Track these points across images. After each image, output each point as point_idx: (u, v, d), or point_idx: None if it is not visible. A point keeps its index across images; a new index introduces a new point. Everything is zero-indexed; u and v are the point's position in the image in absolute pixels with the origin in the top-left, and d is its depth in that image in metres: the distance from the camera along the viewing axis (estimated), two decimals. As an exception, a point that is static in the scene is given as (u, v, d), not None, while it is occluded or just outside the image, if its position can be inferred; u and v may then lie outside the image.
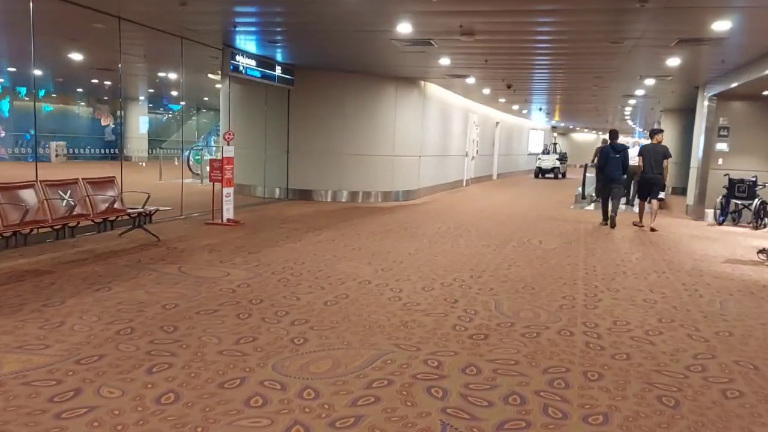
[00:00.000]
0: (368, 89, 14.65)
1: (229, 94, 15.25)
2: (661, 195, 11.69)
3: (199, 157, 20.06)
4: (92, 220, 7.14)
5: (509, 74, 14.06)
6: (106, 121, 33.12)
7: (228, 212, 10.06)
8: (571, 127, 42.19)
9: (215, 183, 10.07)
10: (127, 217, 7.72)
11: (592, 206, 16.02)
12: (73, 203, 6.84)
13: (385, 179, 15.10)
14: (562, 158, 29.95)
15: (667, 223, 12.73)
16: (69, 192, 6.92)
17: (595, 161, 11.97)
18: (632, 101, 19.37)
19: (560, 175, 28.74)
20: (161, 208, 8.36)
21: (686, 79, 13.48)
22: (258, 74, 11.97)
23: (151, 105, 31.61)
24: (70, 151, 27.28)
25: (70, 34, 10.68)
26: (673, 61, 10.89)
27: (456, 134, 19.93)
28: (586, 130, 46.10)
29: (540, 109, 24.56)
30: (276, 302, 5.30)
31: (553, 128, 41.30)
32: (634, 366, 4.17)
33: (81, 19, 8.89)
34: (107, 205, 7.40)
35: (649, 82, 13.85)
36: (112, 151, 30.64)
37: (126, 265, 6.48)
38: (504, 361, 4.14)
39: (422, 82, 15.86)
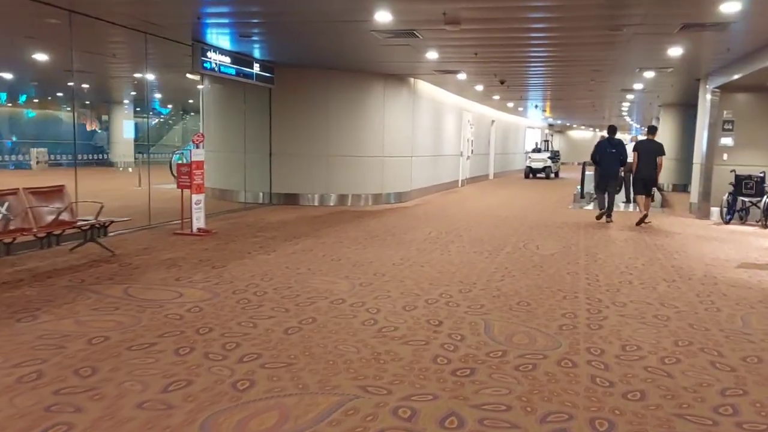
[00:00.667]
0: (354, 87, 13.90)
1: (207, 95, 14.48)
2: (652, 192, 11.86)
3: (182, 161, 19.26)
4: (34, 235, 6.36)
5: (502, 68, 13.32)
6: (92, 126, 32.34)
7: (198, 221, 9.30)
8: (568, 124, 41.48)
9: (184, 189, 9.31)
10: (78, 230, 6.96)
11: (591, 205, 15.28)
12: (9, 216, 6.07)
13: (374, 181, 14.34)
14: (555, 156, 28.19)
15: (671, 223, 11.98)
16: (6, 204, 6.15)
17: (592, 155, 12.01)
18: (630, 96, 18.64)
19: (552, 175, 27.05)
20: (117, 219, 7.59)
21: (687, 71, 12.74)
22: (233, 72, 11.21)
23: (138, 109, 30.79)
24: (53, 157, 26.44)
25: (24, 30, 9.90)
26: (675, 51, 10.14)
27: (450, 133, 19.19)
28: (583, 128, 45.43)
29: (536, 106, 23.83)
30: (228, 331, 4.54)
31: (550, 126, 40.61)
32: (650, 409, 3.42)
33: (31, 14, 8.11)
34: (54, 217, 6.63)
35: (649, 74, 13.11)
36: (99, 157, 29.85)
37: (66, 286, 5.71)
38: (493, 406, 3.39)
39: (412, 80, 15.11)
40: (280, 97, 13.45)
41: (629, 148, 12.90)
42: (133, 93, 23.90)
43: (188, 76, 14.53)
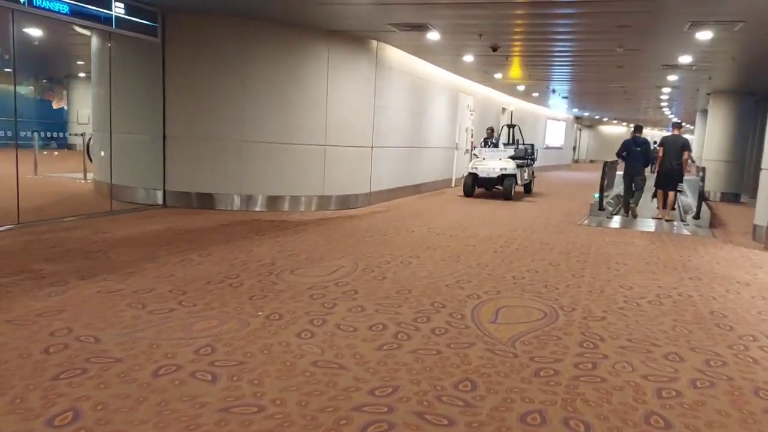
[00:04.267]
0: (284, 46, 10.05)
1: (95, 56, 10.77)
2: (680, 187, 11.77)
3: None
4: None
5: (490, 26, 9.34)
6: (59, 104, 29.07)
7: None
8: (597, 117, 36.93)
9: None
10: None
11: (616, 221, 11.22)
12: None
13: (315, 179, 10.51)
14: (526, 156, 15.53)
15: (730, 260, 7.91)
16: None
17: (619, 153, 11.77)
18: (673, 77, 14.39)
19: (520, 188, 15.04)
20: None
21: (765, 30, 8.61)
22: (64, 9, 7.45)
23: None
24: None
25: None
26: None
27: (439, 120, 15.24)
28: (615, 122, 40.77)
29: (553, 91, 19.64)
30: None
31: (577, 118, 36.20)
32: None
33: None
34: None
35: (703, 35, 8.98)
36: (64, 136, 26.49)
37: None
38: None
39: (374, 43, 11.19)
40: (177, 59, 9.70)
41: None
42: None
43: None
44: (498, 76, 15.37)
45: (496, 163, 13.89)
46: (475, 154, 14.83)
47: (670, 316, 5.14)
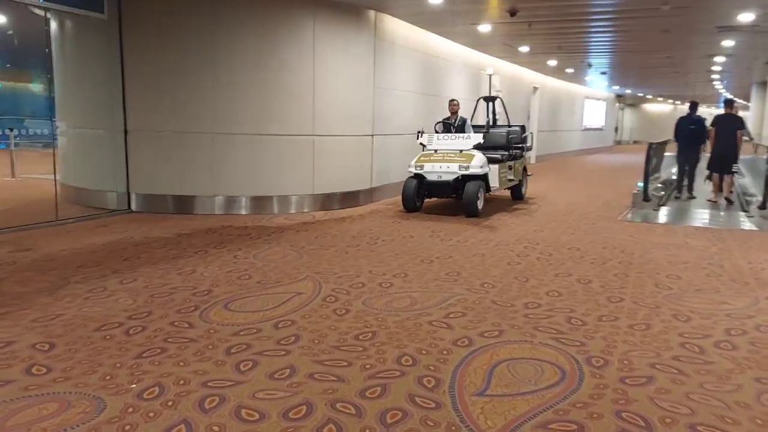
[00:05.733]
0: (260, 20, 8.54)
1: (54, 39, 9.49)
2: (735, 168, 10.73)
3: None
4: None
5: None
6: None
7: None
8: (640, 94, 34.41)
9: None
10: None
11: (665, 213, 9.45)
12: None
13: (304, 176, 9.02)
14: (510, 146, 10.17)
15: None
16: None
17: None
18: (728, 43, 12.36)
19: (513, 194, 10.75)
20: None
21: None
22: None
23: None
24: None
25: None
26: None
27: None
28: (660, 99, 38.11)
29: (589, 65, 17.65)
30: None
31: (619, 97, 33.81)
32: None
33: None
34: None
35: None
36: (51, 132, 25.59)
37: None
38: None
39: (372, 13, 9.60)
40: (137, 40, 8.31)
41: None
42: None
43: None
44: (524, 49, 13.56)
45: (452, 158, 8.81)
46: (422, 143, 9.20)
47: (750, 373, 3.48)
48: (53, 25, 9.11)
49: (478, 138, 9.02)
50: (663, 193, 11.12)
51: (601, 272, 5.74)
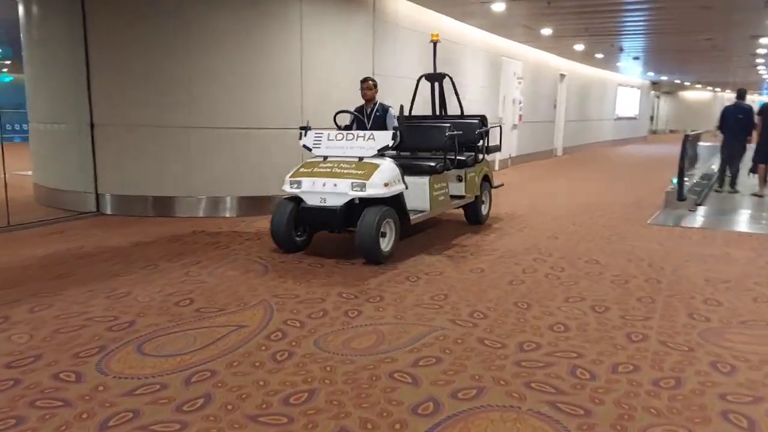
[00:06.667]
0: (239, 1, 7.61)
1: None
2: None
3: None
4: None
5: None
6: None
7: None
8: (678, 81, 32.63)
9: None
10: None
11: (702, 214, 8.32)
12: None
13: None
14: (454, 147, 6.63)
15: None
16: None
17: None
18: (777, 20, 11.02)
19: (469, 216, 7.49)
20: None
21: None
22: None
23: None
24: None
25: None
26: None
27: (474, 92, 12.47)
28: (698, 86, 36.20)
29: (620, 49, 16.31)
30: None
31: (654, 84, 32.10)
32: None
33: None
34: None
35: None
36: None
37: None
38: None
39: (370, -7, 8.61)
40: (103, 23, 7.46)
41: None
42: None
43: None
44: (547, 32, 12.39)
45: (344, 171, 5.72)
46: (305, 146, 6.23)
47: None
48: (20, 9, 8.34)
49: (386, 138, 5.80)
50: (702, 188, 9.99)
51: (623, 295, 4.69)
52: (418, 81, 7.70)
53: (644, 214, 8.35)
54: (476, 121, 7.36)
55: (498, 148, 8.28)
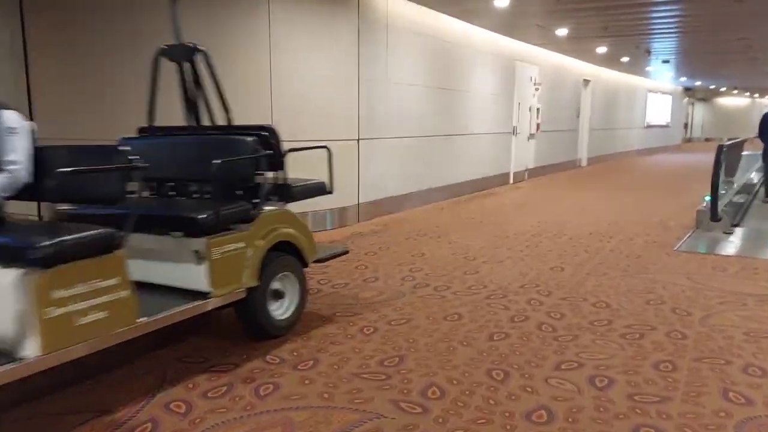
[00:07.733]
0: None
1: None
2: None
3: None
4: None
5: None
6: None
7: None
8: (712, 87, 30.95)
9: None
10: None
11: (738, 237, 7.11)
12: None
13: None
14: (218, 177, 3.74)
15: None
16: None
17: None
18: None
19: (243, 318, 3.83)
20: None
21: None
22: None
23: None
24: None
25: None
26: None
27: (484, 99, 11.46)
28: (735, 92, 34.41)
29: (647, 52, 15.02)
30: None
31: (687, 90, 30.52)
32: None
33: None
34: None
35: None
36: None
37: None
38: None
39: (354, -12, 7.61)
40: (42, 28, 6.58)
41: None
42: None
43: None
44: (562, 32, 11.25)
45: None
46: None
47: None
48: None
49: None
50: (739, 206, 8.74)
51: (635, 359, 3.57)
52: (155, 60, 4.20)
53: (671, 238, 7.15)
54: (250, 137, 3.79)
55: (321, 189, 4.52)
